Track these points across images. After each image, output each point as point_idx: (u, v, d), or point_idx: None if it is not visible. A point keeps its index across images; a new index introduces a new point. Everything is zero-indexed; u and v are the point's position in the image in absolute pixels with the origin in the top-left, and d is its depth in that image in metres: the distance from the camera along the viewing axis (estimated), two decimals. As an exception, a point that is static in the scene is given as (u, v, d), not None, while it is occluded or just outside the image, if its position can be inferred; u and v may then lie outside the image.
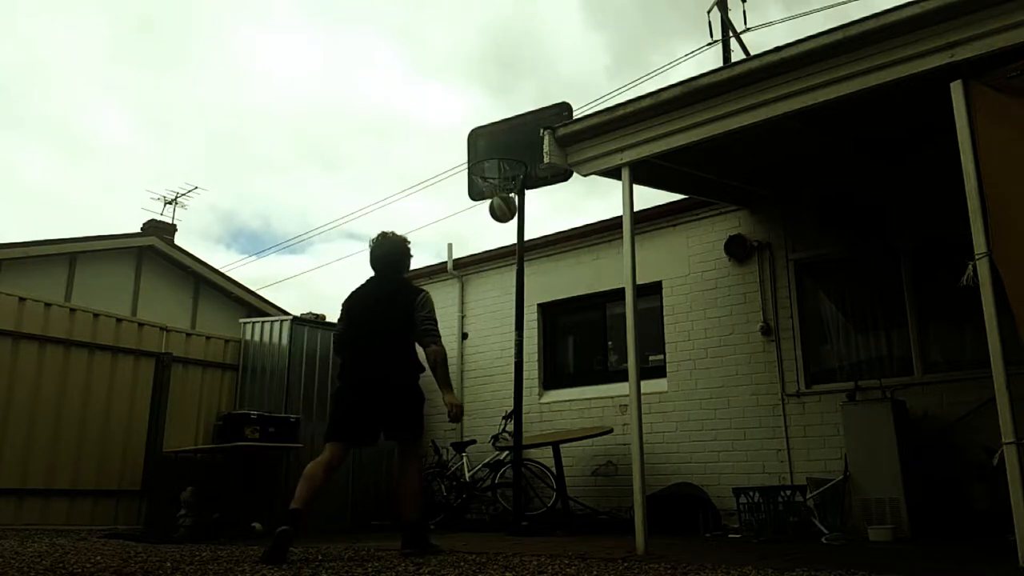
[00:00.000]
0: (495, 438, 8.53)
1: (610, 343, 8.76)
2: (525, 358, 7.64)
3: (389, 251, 5.02)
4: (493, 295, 9.59)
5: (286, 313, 12.05)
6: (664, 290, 8.06)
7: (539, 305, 9.13)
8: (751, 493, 5.97)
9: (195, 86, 56.07)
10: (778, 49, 4.74)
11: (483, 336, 9.57)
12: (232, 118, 59.13)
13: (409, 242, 5.13)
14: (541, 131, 5.82)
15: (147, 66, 50.75)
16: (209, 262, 14.68)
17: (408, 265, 5.20)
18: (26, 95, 45.71)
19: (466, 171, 7.98)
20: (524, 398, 7.56)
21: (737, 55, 12.64)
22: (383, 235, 5.06)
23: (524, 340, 7.48)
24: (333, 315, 9.81)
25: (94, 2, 55.45)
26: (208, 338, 8.97)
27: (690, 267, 7.95)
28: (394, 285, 4.99)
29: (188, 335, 8.86)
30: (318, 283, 32.95)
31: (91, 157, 49.78)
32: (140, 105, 50.64)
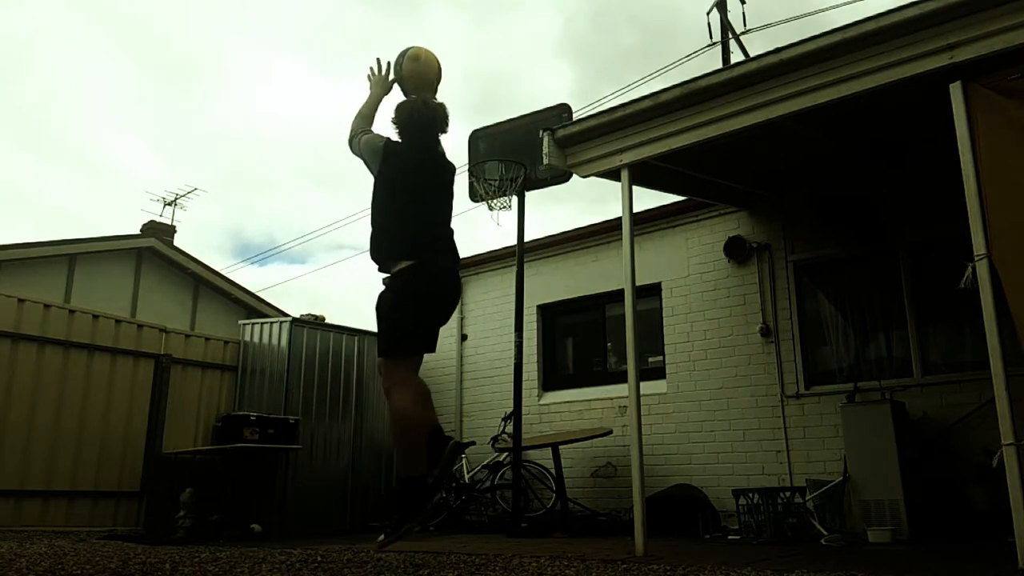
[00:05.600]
0: (494, 439, 8.52)
1: (609, 344, 8.76)
2: (524, 359, 7.64)
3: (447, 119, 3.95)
4: (493, 296, 9.59)
5: (285, 315, 12.03)
6: (663, 291, 8.06)
7: (538, 306, 9.13)
8: (750, 494, 5.96)
9: (206, 118, 57.06)
10: (778, 50, 4.75)
11: (482, 337, 9.56)
12: (241, 145, 60.02)
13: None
14: (541, 133, 5.83)
15: (166, 101, 51.53)
16: (210, 264, 14.69)
17: None
18: (48, 123, 46.45)
19: (466, 173, 7.99)
20: (523, 399, 7.55)
21: (737, 57, 12.65)
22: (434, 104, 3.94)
23: (524, 341, 7.48)
24: (333, 316, 9.83)
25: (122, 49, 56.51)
26: (207, 339, 8.96)
27: (689, 268, 7.95)
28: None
29: (187, 336, 8.85)
30: (316, 288, 33.34)
31: (100, 174, 50.17)
32: (156, 136, 51.41)
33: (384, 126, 4.00)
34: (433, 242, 3.70)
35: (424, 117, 3.87)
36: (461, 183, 7.71)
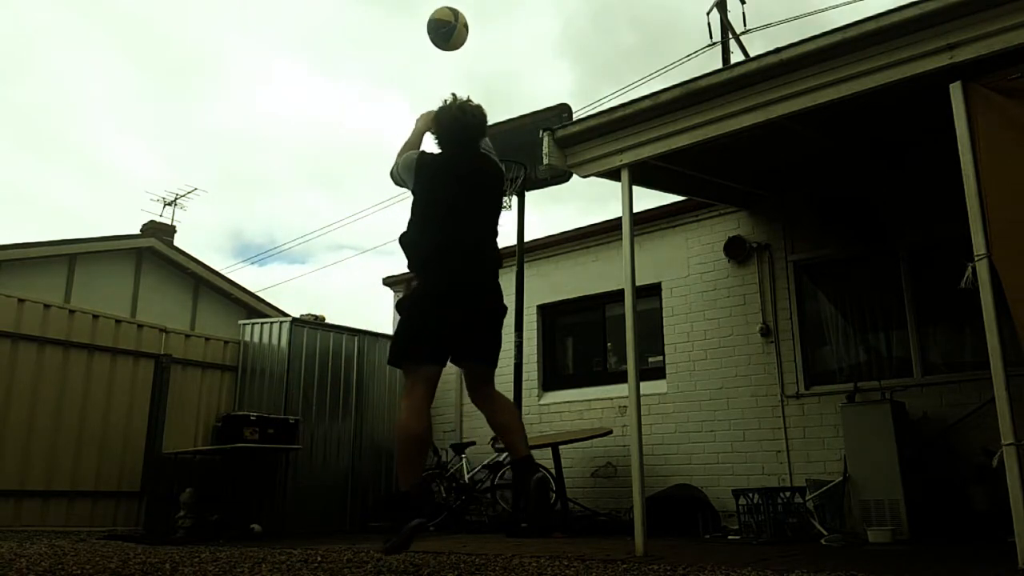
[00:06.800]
0: (494, 439, 8.50)
1: (609, 344, 8.76)
2: (524, 359, 7.64)
3: (483, 123, 3.96)
4: (492, 296, 9.58)
5: (285, 314, 12.03)
6: (663, 291, 8.06)
7: (538, 306, 9.13)
8: (750, 495, 5.96)
9: (206, 118, 57.18)
10: (778, 50, 4.75)
11: (482, 337, 9.54)
12: (241, 145, 60.18)
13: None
14: (541, 133, 5.82)
15: (166, 101, 51.66)
16: (210, 264, 14.70)
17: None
18: (48, 123, 46.55)
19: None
20: (523, 399, 7.56)
21: (737, 57, 12.65)
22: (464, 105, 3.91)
23: (524, 341, 7.47)
24: (333, 316, 9.83)
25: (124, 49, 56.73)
26: (207, 339, 8.96)
27: (689, 268, 7.95)
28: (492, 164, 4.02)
29: (187, 336, 8.85)
30: (316, 288, 33.50)
31: (100, 174, 50.23)
32: (156, 136, 51.55)
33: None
34: (447, 253, 3.70)
35: (458, 126, 3.89)
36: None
